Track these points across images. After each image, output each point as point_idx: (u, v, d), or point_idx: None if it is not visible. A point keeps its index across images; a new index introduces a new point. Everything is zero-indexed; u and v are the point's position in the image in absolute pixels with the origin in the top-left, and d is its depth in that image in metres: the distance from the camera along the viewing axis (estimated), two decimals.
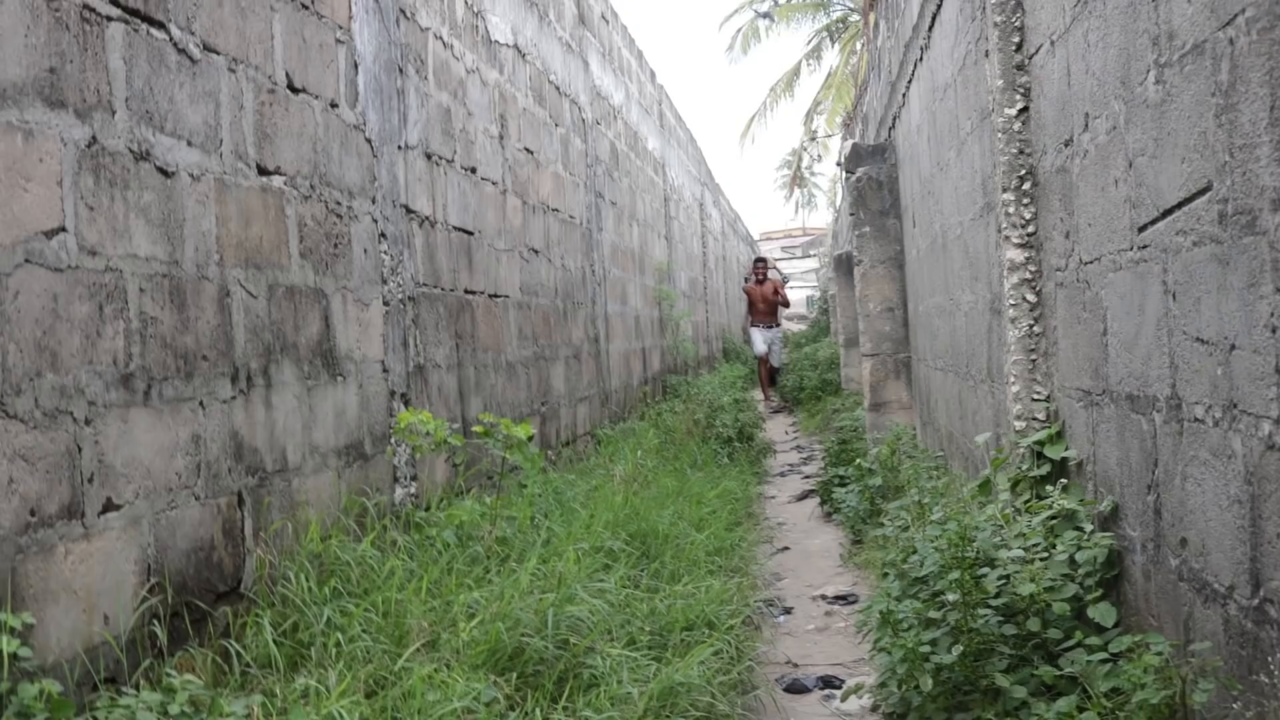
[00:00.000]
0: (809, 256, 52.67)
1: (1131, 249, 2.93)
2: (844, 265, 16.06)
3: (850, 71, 26.13)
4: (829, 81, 30.64)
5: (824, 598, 5.84)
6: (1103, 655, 2.70)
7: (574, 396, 9.41)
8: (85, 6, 3.33)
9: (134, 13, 3.56)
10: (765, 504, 9.02)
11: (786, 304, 18.59)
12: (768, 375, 18.45)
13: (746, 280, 19.07)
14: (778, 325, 18.40)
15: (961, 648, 2.91)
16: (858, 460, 7.25)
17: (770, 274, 18.80)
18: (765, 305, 18.06)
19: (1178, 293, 2.60)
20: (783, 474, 10.84)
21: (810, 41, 30.27)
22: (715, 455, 9.86)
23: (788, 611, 5.67)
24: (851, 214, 9.02)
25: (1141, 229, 2.84)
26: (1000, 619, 3.02)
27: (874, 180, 8.73)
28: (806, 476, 10.30)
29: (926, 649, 2.97)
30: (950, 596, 3.01)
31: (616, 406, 11.15)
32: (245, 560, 4.03)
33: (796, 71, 30.70)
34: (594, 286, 10.62)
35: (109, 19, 3.43)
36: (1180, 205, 2.54)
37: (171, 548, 3.61)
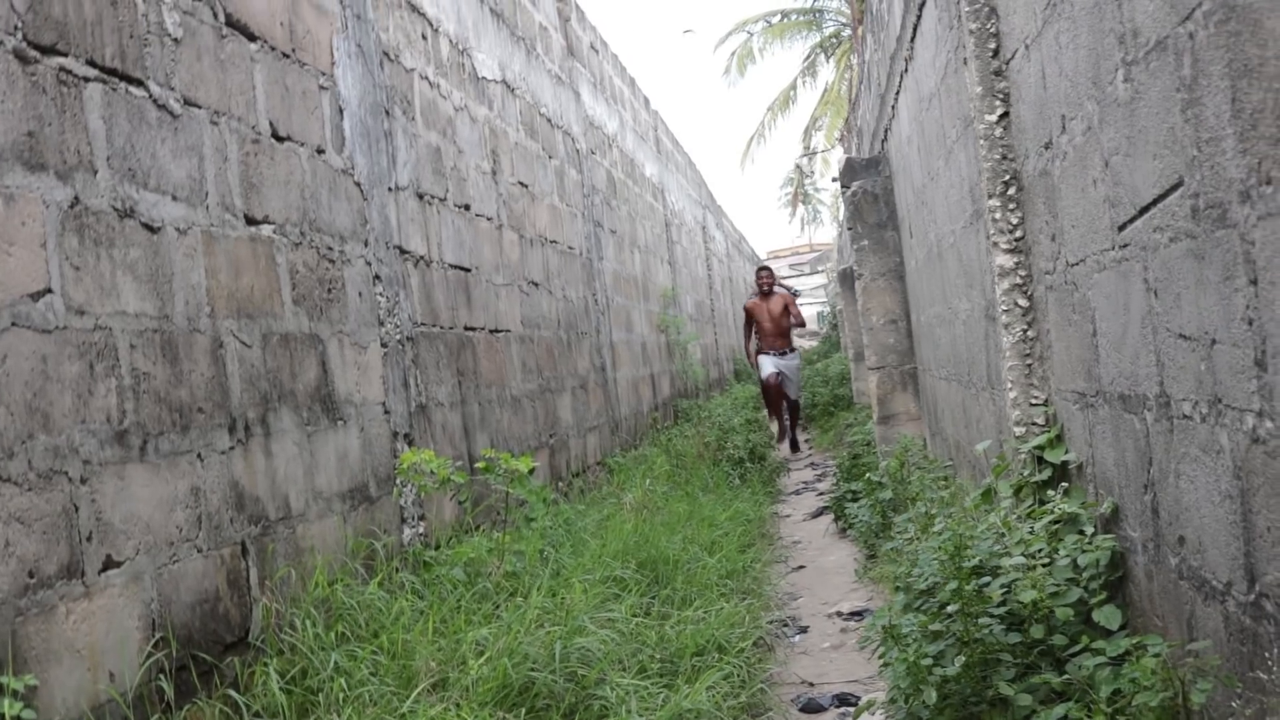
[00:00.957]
0: (817, 272, 52.67)
1: (1113, 248, 2.92)
2: (848, 280, 16.04)
3: (846, 86, 26.22)
4: (825, 97, 30.75)
5: (839, 614, 5.81)
6: (1103, 659, 2.68)
7: (582, 427, 9.40)
8: (62, 69, 3.35)
9: (111, 72, 3.58)
10: (780, 523, 8.99)
11: (801, 323, 14.26)
12: (779, 405, 13.99)
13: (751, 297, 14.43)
14: (792, 350, 14.00)
15: (964, 659, 2.89)
16: (867, 475, 7.22)
17: (777, 289, 14.28)
18: (773, 325, 13.72)
19: (1159, 290, 2.59)
20: (797, 492, 10.81)
21: (806, 58, 30.38)
22: (727, 477, 9.83)
23: (804, 630, 5.63)
24: (849, 228, 9.03)
25: (1121, 228, 2.83)
26: (1004, 627, 3.00)
27: (869, 193, 8.73)
28: (821, 493, 10.26)
29: (929, 662, 2.95)
30: (951, 607, 2.99)
31: (627, 434, 11.13)
32: (252, 609, 4.02)
33: (793, 89, 30.82)
34: (597, 316, 10.62)
35: (86, 80, 3.46)
36: (1155, 202, 2.54)
37: (175, 601, 3.61)
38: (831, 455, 12.57)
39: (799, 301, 15.20)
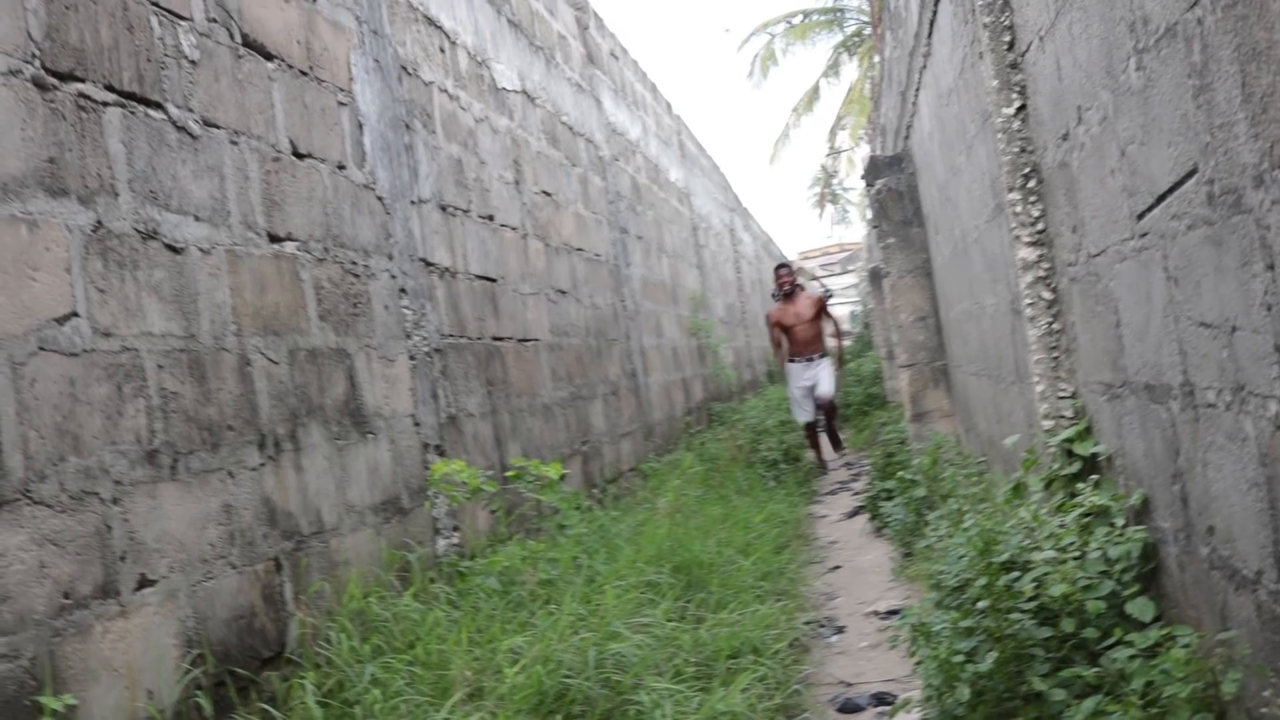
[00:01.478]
0: (847, 272, 52.49)
1: (1133, 238, 2.90)
2: (877, 278, 15.99)
3: (869, 84, 26.15)
4: (850, 96, 30.66)
5: (876, 613, 5.79)
6: (1133, 651, 2.66)
7: (615, 433, 9.41)
8: (81, 95, 3.39)
9: (130, 96, 3.62)
10: (816, 523, 8.96)
11: (837, 329, 12.63)
12: (823, 412, 12.20)
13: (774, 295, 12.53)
14: (823, 354, 12.04)
15: (997, 655, 2.88)
16: (900, 473, 7.20)
17: (804, 286, 12.73)
18: (804, 329, 11.89)
19: (1179, 278, 2.57)
20: (832, 492, 10.78)
21: (828, 58, 30.31)
22: (761, 479, 9.82)
23: (840, 630, 5.61)
24: (875, 226, 9.00)
25: (1140, 217, 2.81)
26: (1036, 622, 2.98)
27: (894, 191, 8.70)
28: (856, 493, 10.22)
29: (961, 659, 2.93)
30: (981, 603, 2.98)
31: (660, 439, 11.13)
32: (287, 624, 4.05)
33: (816, 89, 30.75)
34: (626, 322, 10.63)
35: (105, 104, 3.49)
36: (1172, 190, 2.52)
37: (211, 618, 3.64)
38: (866, 454, 12.53)
39: (830, 303, 12.64)
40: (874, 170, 8.98)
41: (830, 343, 12.44)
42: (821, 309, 11.96)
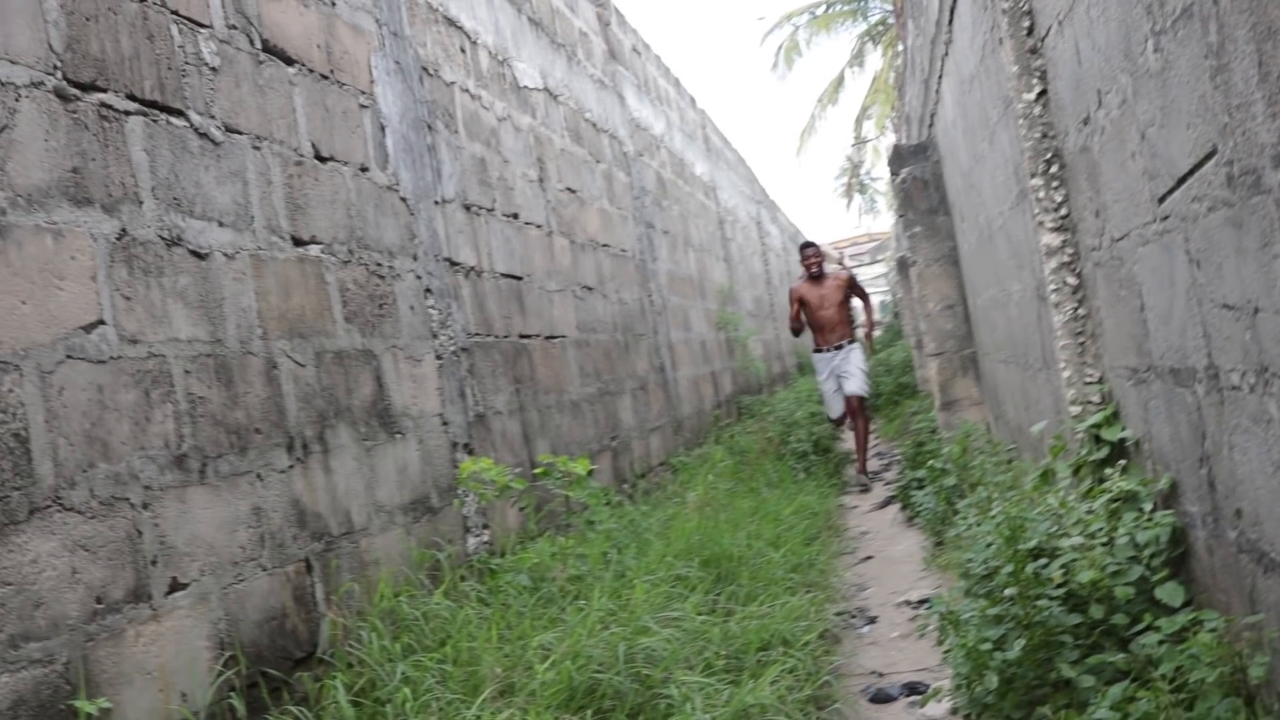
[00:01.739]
0: (876, 261, 52.28)
1: (1154, 221, 2.88)
2: (905, 267, 15.92)
3: (894, 73, 26.04)
4: (875, 85, 30.53)
5: (908, 603, 5.77)
6: (1161, 636, 2.64)
7: (644, 428, 9.41)
8: (102, 104, 3.42)
9: (152, 104, 3.65)
10: (847, 514, 8.95)
11: (869, 308, 11.34)
12: (851, 410, 10.73)
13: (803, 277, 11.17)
14: (852, 340, 10.79)
15: (1024, 642, 2.87)
16: (930, 462, 7.17)
17: (829, 269, 11.52)
18: (830, 314, 10.69)
19: (1201, 261, 2.55)
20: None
21: (852, 48, 30.19)
22: (791, 471, 9.80)
23: (872, 621, 5.61)
24: (900, 215, 8.96)
25: (1161, 200, 2.79)
26: (1065, 609, 2.97)
27: (919, 179, 8.66)
28: (888, 483, 10.20)
29: (988, 647, 2.92)
30: (1008, 591, 2.97)
31: (690, 433, 11.13)
32: (319, 624, 4.07)
33: (841, 79, 30.65)
34: (654, 316, 10.63)
35: (127, 113, 3.52)
36: (1192, 172, 2.50)
37: (243, 619, 3.67)
38: (897, 444, 12.49)
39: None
40: (899, 159, 8.94)
41: (859, 330, 11.44)
42: (850, 290, 10.76)
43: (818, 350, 10.96)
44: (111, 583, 3.14)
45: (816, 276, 10.84)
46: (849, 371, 10.64)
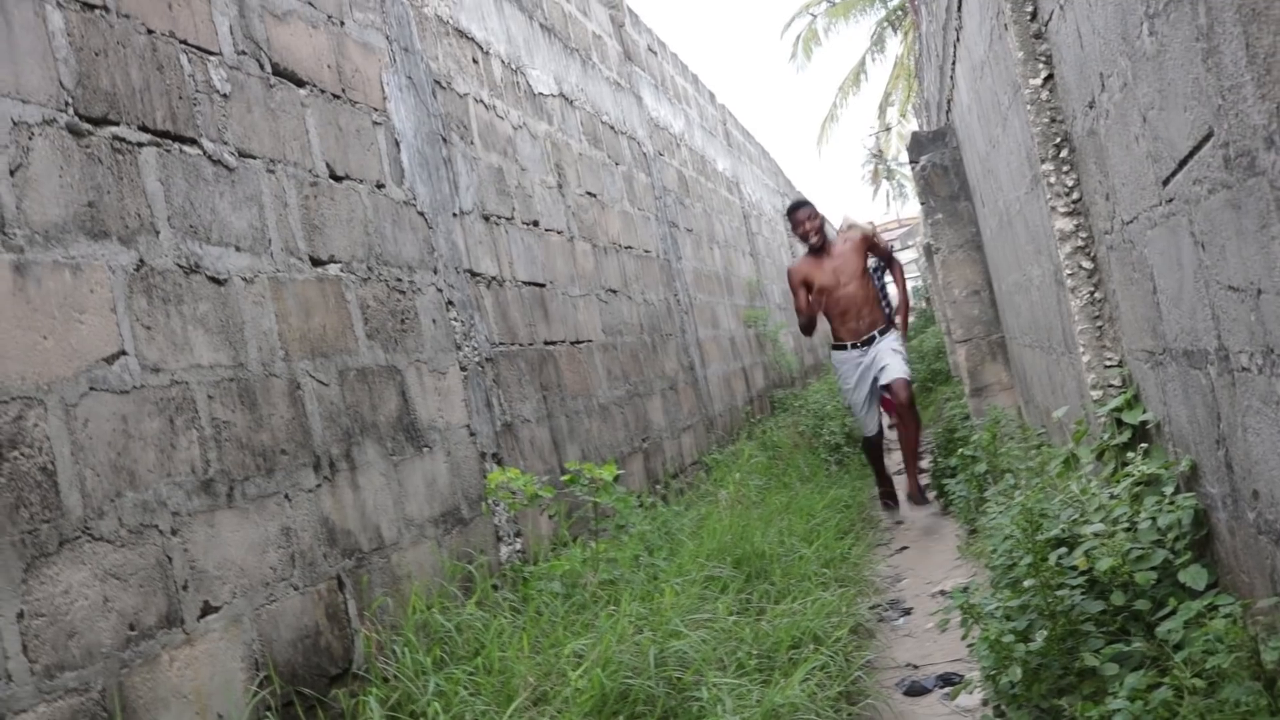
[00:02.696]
0: (907, 247, 52.06)
1: (1160, 204, 2.88)
2: (930, 254, 15.86)
3: (914, 59, 25.92)
4: (896, 71, 30.42)
5: (943, 593, 5.76)
6: (1182, 621, 2.63)
7: (675, 427, 9.43)
8: (115, 138, 3.47)
9: (164, 134, 3.69)
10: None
11: (894, 269, 8.64)
12: (896, 406, 8.31)
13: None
14: (886, 328, 8.26)
15: (1047, 632, 2.87)
16: (960, 450, 7.15)
17: (835, 233, 8.62)
18: (850, 291, 8.17)
19: (1205, 243, 2.54)
20: (898, 472, 10.72)
21: (872, 34, 30.09)
22: (824, 464, 9.79)
23: (907, 612, 5.60)
24: (922, 203, 8.94)
25: (1165, 182, 2.79)
26: (1089, 596, 2.97)
27: (938, 166, 8.64)
28: (923, 470, 10.17)
29: (1010, 639, 2.92)
30: (1028, 582, 2.97)
31: (722, 430, 11.14)
32: (353, 641, 4.11)
33: (862, 66, 30.56)
34: (681, 316, 10.64)
35: (140, 145, 3.57)
36: (1191, 154, 2.50)
37: (276, 639, 3.71)
38: (932, 431, 12.46)
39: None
40: (917, 147, 8.92)
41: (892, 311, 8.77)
42: (870, 253, 8.22)
43: (839, 346, 8.24)
44: (144, 609, 3.19)
45: (819, 250, 8.17)
46: (883, 360, 8.06)
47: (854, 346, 8.25)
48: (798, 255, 22.45)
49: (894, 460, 10.51)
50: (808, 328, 8.37)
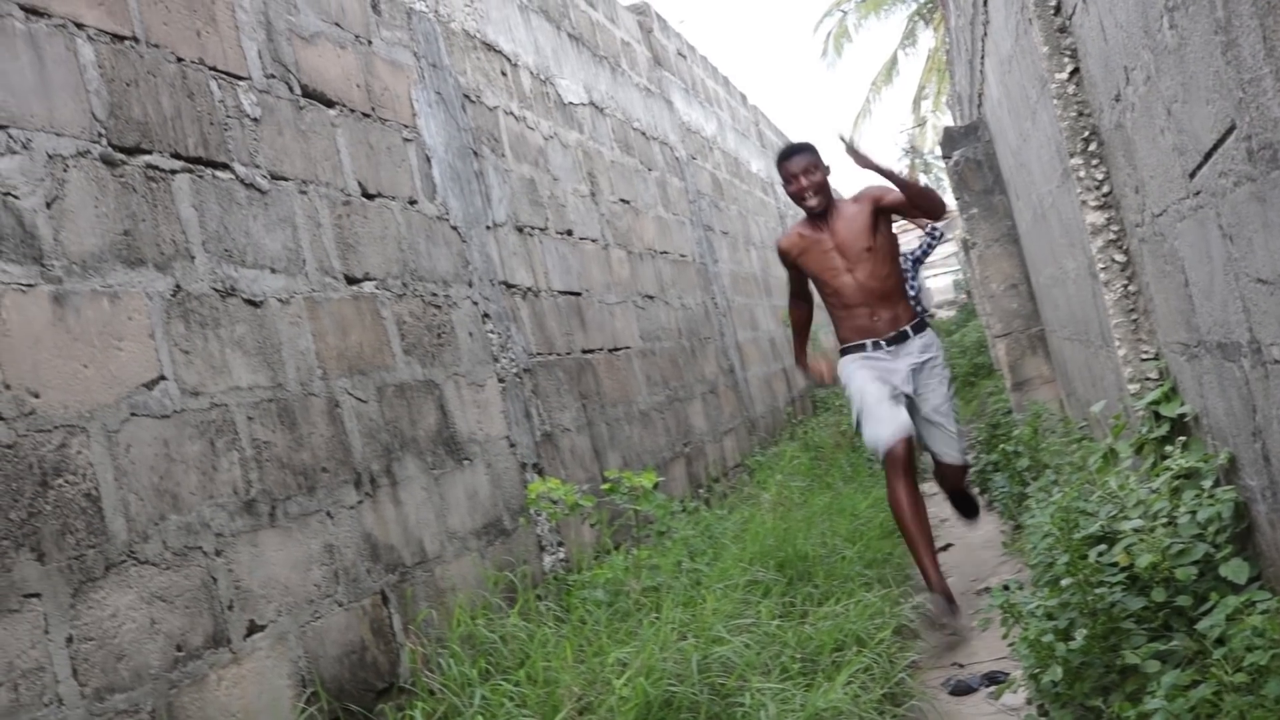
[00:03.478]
0: (947, 240, 51.64)
1: (1188, 196, 2.86)
2: (967, 248, 15.76)
3: (946, 51, 25.78)
4: (929, 64, 30.26)
5: (988, 590, 5.73)
6: (1222, 616, 2.61)
7: (717, 431, 9.43)
8: (148, 166, 3.52)
9: (196, 160, 3.74)
10: (926, 502, 8.88)
11: (926, 206, 5.59)
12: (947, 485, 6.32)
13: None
14: (919, 329, 5.74)
15: (1087, 631, 2.85)
16: (1001, 445, 7.11)
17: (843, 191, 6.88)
18: (868, 271, 5.59)
19: (1233, 235, 2.53)
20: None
21: (904, 29, 29.96)
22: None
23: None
24: (956, 198, 8.91)
25: (1191, 175, 2.77)
26: (1131, 594, 2.95)
27: (972, 160, 8.60)
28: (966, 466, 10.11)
29: (1050, 639, 2.91)
30: (1065, 581, 2.96)
31: (765, 432, 11.13)
32: (398, 655, 4.15)
33: (894, 61, 30.41)
34: (719, 319, 10.65)
35: (173, 172, 3.62)
36: (1216, 147, 2.48)
37: (322, 656, 3.75)
38: (976, 426, 12.39)
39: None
40: (950, 142, 8.88)
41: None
42: (888, 211, 5.65)
43: (848, 348, 5.72)
44: (190, 630, 3.23)
45: (820, 216, 5.63)
46: (928, 408, 5.70)
47: (872, 347, 5.62)
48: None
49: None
50: (800, 332, 6.11)
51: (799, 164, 5.63)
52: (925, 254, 9.57)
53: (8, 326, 2.88)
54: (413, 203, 5.16)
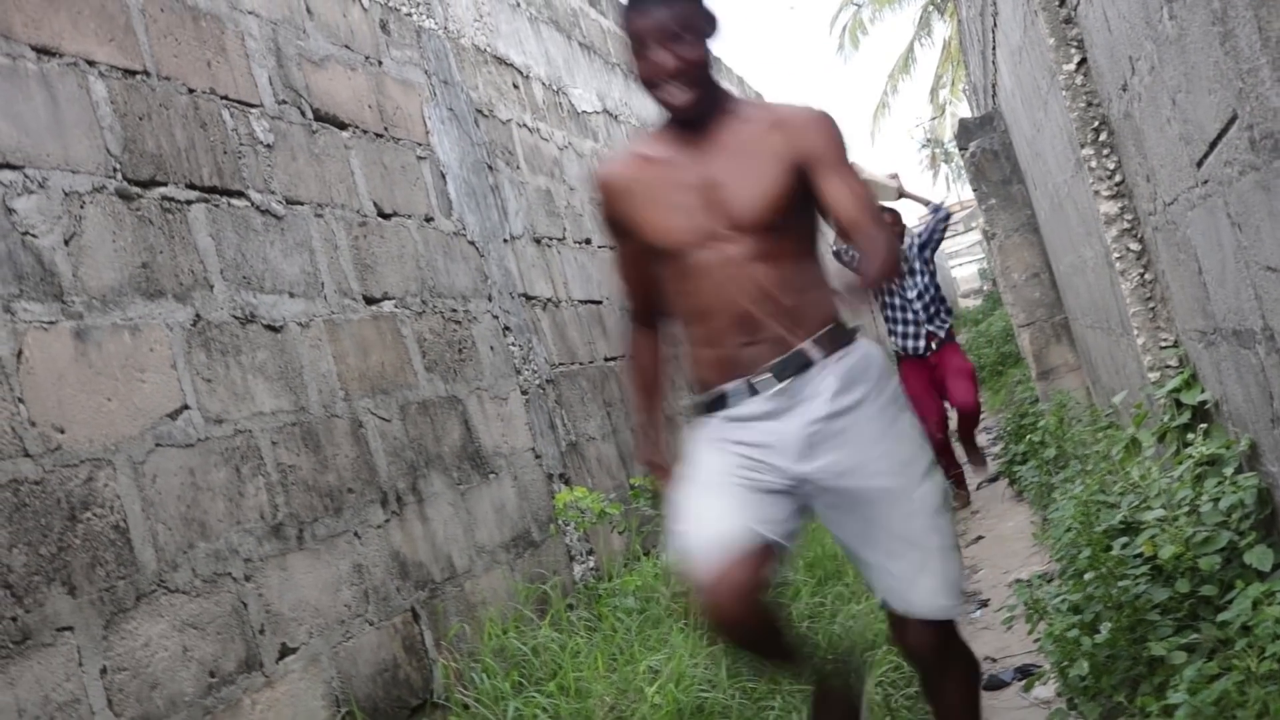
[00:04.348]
0: (970, 230, 51.51)
1: (1196, 185, 2.86)
2: (987, 238, 15.70)
3: (959, 42, 25.67)
4: (945, 54, 30.16)
5: (1019, 582, 5.71)
6: (1246, 604, 2.61)
7: None
8: (164, 198, 3.56)
9: (212, 190, 3.78)
10: (955, 493, 8.86)
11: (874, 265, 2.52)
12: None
13: None
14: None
15: (1112, 624, 2.85)
16: (1028, 436, 7.09)
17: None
18: (762, 256, 2.59)
19: (1241, 224, 2.53)
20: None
21: (918, 20, 29.85)
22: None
23: (984, 604, 5.56)
24: (975, 189, 8.88)
25: (1199, 164, 2.77)
26: (1155, 585, 2.95)
27: (988, 151, 8.58)
28: (996, 458, 10.07)
29: (1075, 634, 2.91)
30: (1088, 574, 2.96)
31: None
32: (431, 671, 4.18)
33: (910, 52, 30.30)
34: None
35: (189, 203, 3.66)
36: (1220, 137, 2.48)
37: (355, 675, 3.78)
38: (1003, 415, 12.34)
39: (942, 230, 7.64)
40: (966, 133, 8.87)
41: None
42: (825, 174, 2.63)
43: (703, 405, 2.73)
44: (223, 656, 3.27)
45: (691, 123, 2.66)
46: (860, 522, 2.67)
47: (743, 391, 2.66)
48: None
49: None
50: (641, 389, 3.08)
51: (658, 22, 2.62)
52: (934, 239, 7.69)
53: (31, 365, 2.93)
54: (429, 220, 5.19)
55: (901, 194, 7.30)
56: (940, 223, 7.74)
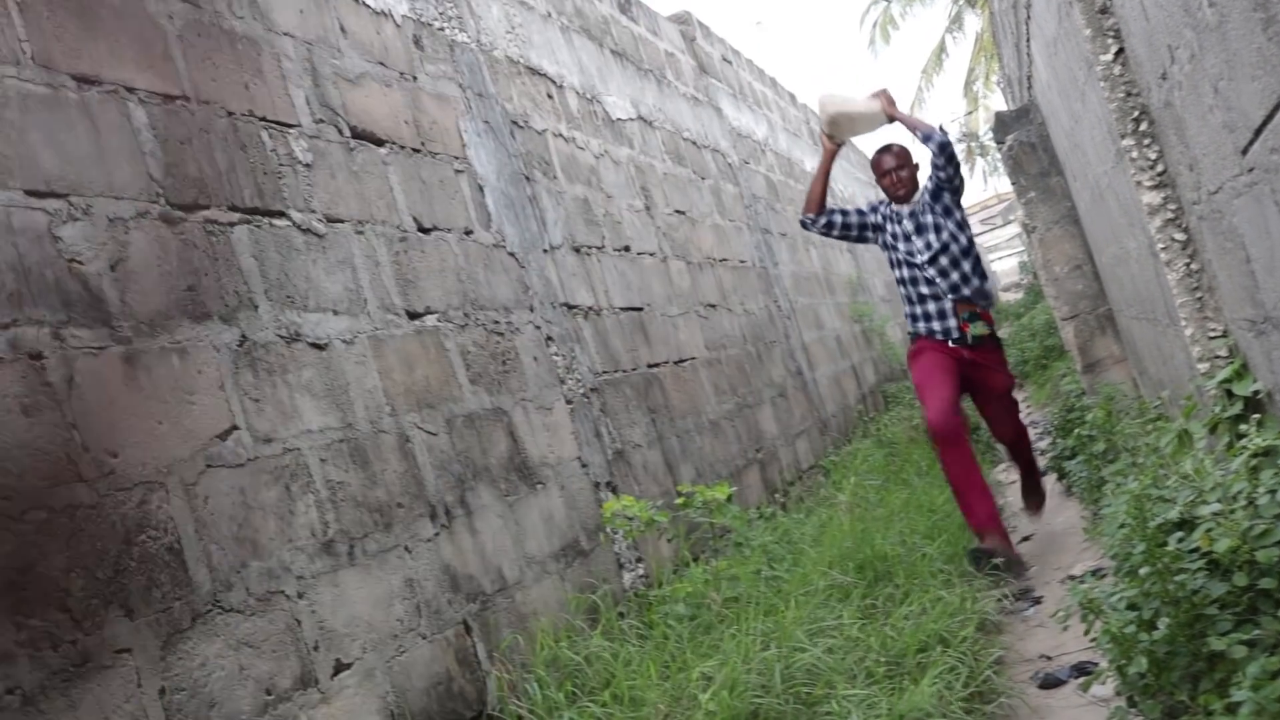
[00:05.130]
0: (1009, 223, 51.16)
1: (1242, 173, 2.82)
2: (1028, 232, 15.57)
3: (992, 34, 25.50)
4: (979, 47, 29.98)
5: (1072, 578, 5.67)
6: None
7: (789, 434, 9.41)
8: (207, 220, 3.60)
9: (253, 211, 3.82)
10: (1004, 490, 8.80)
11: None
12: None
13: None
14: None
15: (1170, 620, 2.82)
16: (1075, 430, 7.03)
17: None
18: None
19: None
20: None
21: (950, 13, 29.69)
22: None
23: (1038, 601, 5.52)
24: (1013, 183, 8.81)
25: (1244, 152, 2.73)
26: (1214, 579, 2.90)
27: (1025, 144, 8.51)
28: (1042, 453, 9.99)
29: (1132, 630, 2.88)
30: (1144, 570, 2.92)
31: (837, 431, 11.08)
32: (485, 683, 4.19)
33: (942, 46, 30.15)
34: (784, 321, 10.62)
35: (231, 225, 3.69)
36: (1265, 123, 2.45)
37: (410, 689, 3.80)
38: (1050, 409, 12.24)
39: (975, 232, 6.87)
40: (1002, 127, 8.80)
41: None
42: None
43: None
44: (278, 673, 3.29)
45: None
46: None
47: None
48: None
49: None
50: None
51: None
52: (943, 178, 6.38)
53: (82, 390, 2.96)
54: (469, 233, 5.21)
55: (891, 118, 6.43)
56: (940, 156, 6.24)
